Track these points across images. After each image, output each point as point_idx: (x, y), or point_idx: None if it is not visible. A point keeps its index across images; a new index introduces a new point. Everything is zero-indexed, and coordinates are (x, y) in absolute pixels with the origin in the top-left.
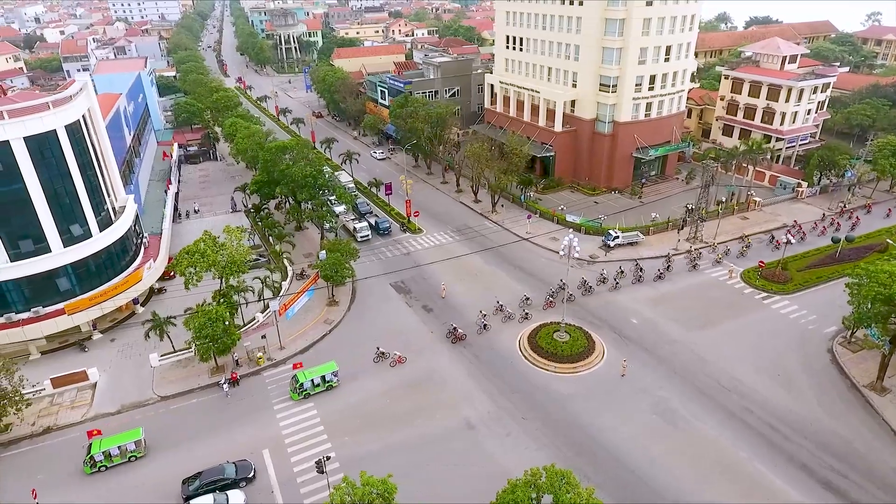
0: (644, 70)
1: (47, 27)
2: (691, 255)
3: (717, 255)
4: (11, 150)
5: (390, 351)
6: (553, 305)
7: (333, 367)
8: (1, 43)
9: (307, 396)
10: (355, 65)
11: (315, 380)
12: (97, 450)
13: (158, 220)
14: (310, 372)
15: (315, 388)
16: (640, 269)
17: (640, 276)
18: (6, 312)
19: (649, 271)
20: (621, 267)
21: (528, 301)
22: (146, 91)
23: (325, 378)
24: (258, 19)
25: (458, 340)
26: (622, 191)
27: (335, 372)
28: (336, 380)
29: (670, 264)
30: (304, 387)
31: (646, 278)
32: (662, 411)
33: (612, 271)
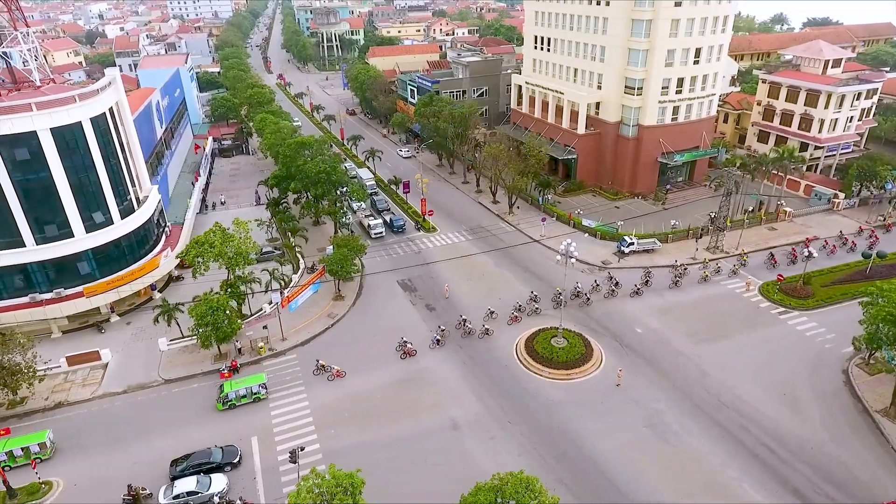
0: (671, 73)
1: (109, 24)
2: (706, 265)
3: (734, 266)
4: (39, 141)
5: (330, 364)
6: (518, 320)
7: (262, 378)
8: (63, 38)
9: (232, 407)
10: (389, 63)
11: (241, 391)
12: (1, 449)
13: (183, 211)
14: (237, 382)
15: (241, 399)
16: (648, 276)
17: (647, 283)
18: (31, 292)
19: (661, 280)
20: (647, 274)
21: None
22: (184, 86)
23: (252, 390)
24: (304, 17)
25: (408, 356)
26: (646, 196)
27: (263, 384)
28: (265, 392)
29: (679, 275)
30: (229, 397)
31: (657, 287)
32: (654, 424)
33: (626, 279)
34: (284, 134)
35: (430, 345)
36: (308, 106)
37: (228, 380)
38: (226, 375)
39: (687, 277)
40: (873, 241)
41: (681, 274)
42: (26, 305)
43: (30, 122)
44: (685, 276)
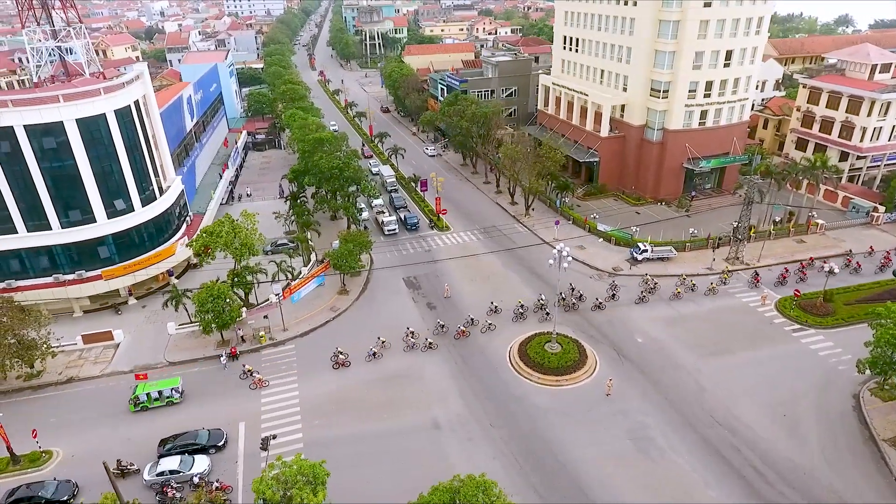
0: (699, 75)
1: (168, 21)
2: (722, 276)
3: (751, 279)
4: (65, 130)
5: (255, 371)
6: (464, 332)
7: (175, 382)
8: (122, 34)
9: (144, 409)
10: (424, 62)
11: (153, 393)
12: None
13: (207, 201)
14: (150, 385)
15: (153, 401)
16: (653, 285)
17: (648, 292)
18: (55, 273)
19: (669, 290)
20: (647, 282)
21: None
22: (221, 81)
23: (162, 393)
24: (350, 16)
25: (340, 366)
26: (669, 203)
27: (176, 388)
28: (178, 396)
29: (690, 288)
30: (140, 399)
31: (666, 296)
32: (638, 438)
33: (636, 286)
34: (311, 129)
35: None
36: (343, 102)
37: (143, 381)
38: (141, 377)
39: (701, 288)
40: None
41: (690, 288)
42: (50, 285)
43: (57, 112)
44: (694, 290)
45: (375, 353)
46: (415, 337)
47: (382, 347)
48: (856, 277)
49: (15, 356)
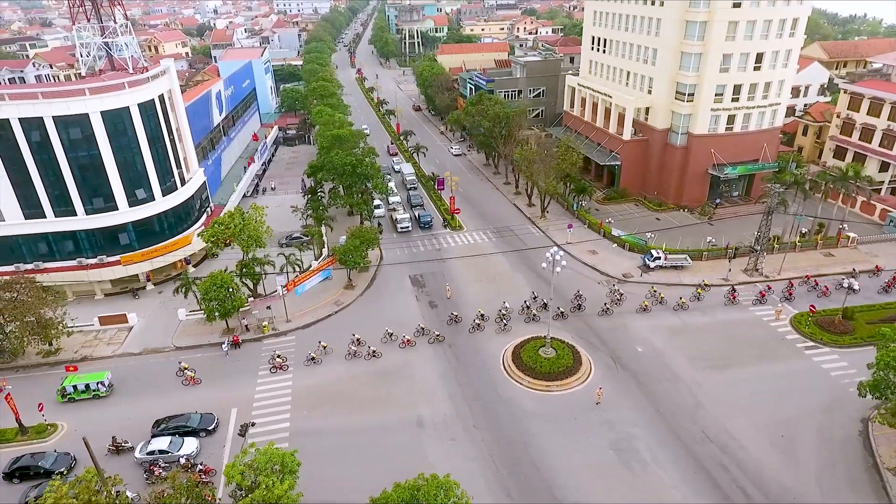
0: (727, 78)
1: (219, 18)
2: (697, 290)
3: (745, 291)
4: (90, 122)
5: (186, 370)
6: (409, 341)
7: (102, 376)
8: (173, 31)
9: (72, 401)
10: (457, 61)
11: (80, 386)
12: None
13: (230, 193)
14: (77, 377)
15: (79, 393)
16: (660, 298)
17: (658, 302)
18: (78, 256)
19: (676, 299)
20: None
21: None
22: (256, 77)
23: (89, 386)
24: (392, 14)
25: (277, 370)
26: (692, 209)
27: (102, 382)
28: (104, 390)
29: (696, 296)
30: (67, 391)
31: (674, 306)
32: (622, 449)
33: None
34: (335, 126)
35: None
36: (376, 100)
37: (72, 374)
38: (71, 369)
39: (711, 299)
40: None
41: (659, 301)
42: (74, 268)
43: (83, 105)
44: (663, 303)
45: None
46: (393, 339)
47: (359, 345)
48: (887, 296)
49: (33, 333)
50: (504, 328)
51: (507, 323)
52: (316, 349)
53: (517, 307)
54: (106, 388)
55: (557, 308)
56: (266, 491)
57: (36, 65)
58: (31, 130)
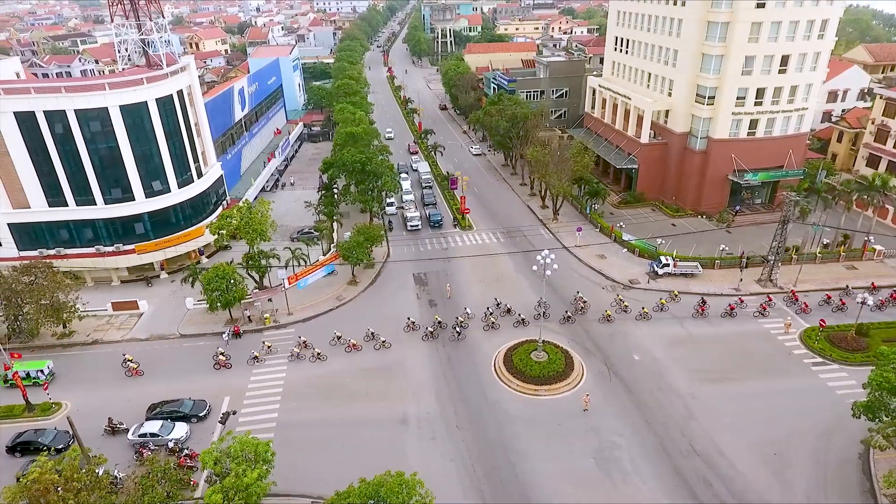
0: (749, 81)
1: (261, 16)
2: (660, 302)
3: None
4: (109, 116)
5: (129, 361)
6: (355, 345)
7: (42, 365)
8: (214, 28)
9: (12, 386)
10: (484, 61)
11: (21, 372)
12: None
13: (247, 187)
14: (19, 364)
15: (23, 380)
16: (661, 305)
17: (661, 309)
18: (97, 244)
19: (687, 308)
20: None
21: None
22: (283, 74)
23: (29, 374)
24: (427, 13)
25: (222, 366)
26: (710, 216)
27: (42, 370)
28: (43, 377)
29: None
30: (7, 377)
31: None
32: (603, 458)
33: (650, 302)
34: (354, 123)
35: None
36: (403, 98)
37: (16, 360)
38: (15, 356)
39: (720, 309)
40: None
41: (623, 309)
42: (92, 255)
43: (102, 99)
44: (627, 311)
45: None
46: (374, 338)
47: (338, 343)
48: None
49: (47, 316)
50: (459, 336)
51: (461, 331)
52: (297, 345)
53: (510, 309)
54: (45, 376)
55: (565, 312)
56: (236, 478)
57: (82, 60)
58: (54, 122)
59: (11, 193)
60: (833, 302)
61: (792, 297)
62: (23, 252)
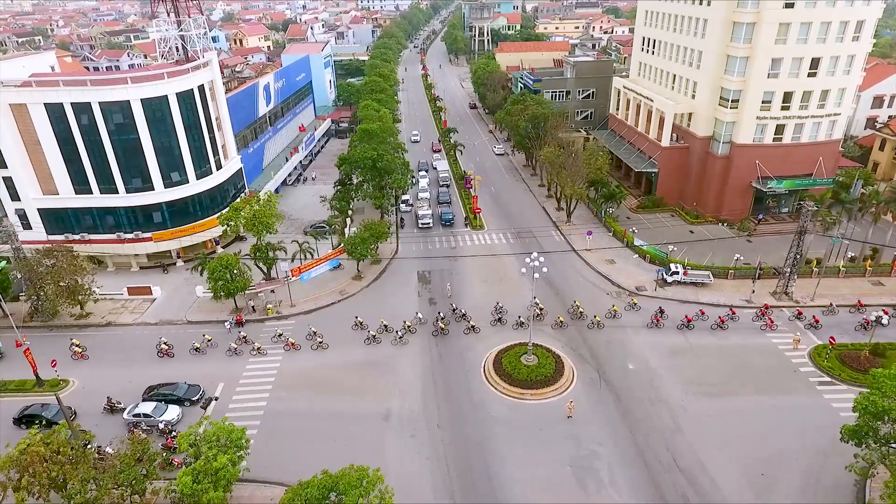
0: (775, 85)
1: (306, 13)
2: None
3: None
4: (131, 109)
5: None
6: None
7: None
8: (258, 25)
9: None
10: (515, 60)
11: None
12: None
13: (266, 181)
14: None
15: None
16: (662, 313)
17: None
18: (118, 231)
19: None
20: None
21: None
22: (313, 71)
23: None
24: (467, 12)
25: (165, 355)
26: (731, 224)
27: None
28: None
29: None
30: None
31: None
32: (580, 467)
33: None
34: (375, 120)
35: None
36: (433, 96)
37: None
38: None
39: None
40: None
41: (579, 315)
42: (113, 241)
43: (125, 92)
44: (582, 317)
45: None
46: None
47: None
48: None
49: (65, 297)
50: (402, 340)
51: (444, 327)
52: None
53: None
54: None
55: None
56: (205, 462)
57: (130, 54)
58: (80, 114)
59: (42, 180)
60: (840, 315)
61: (797, 312)
62: (51, 236)
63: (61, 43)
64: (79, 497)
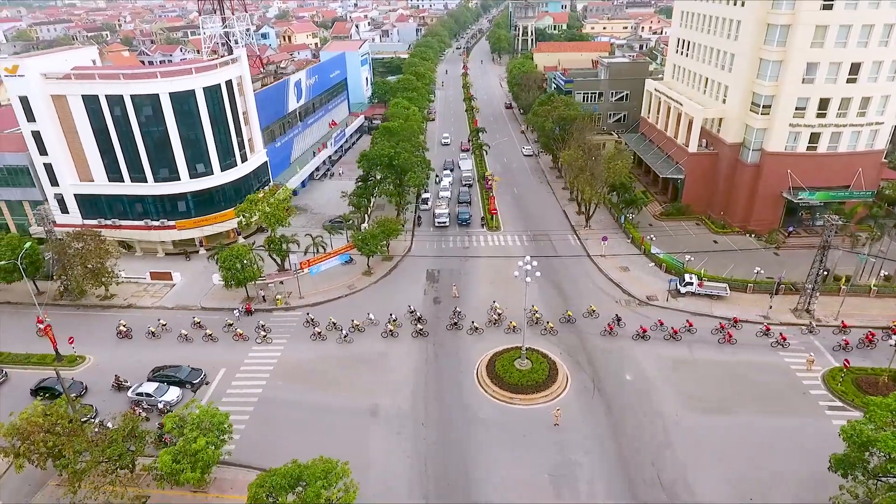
0: (811, 90)
1: (356, 11)
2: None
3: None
4: (160, 102)
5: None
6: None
7: None
8: (307, 22)
9: None
10: (553, 60)
11: None
12: None
13: (291, 175)
14: None
15: None
16: (661, 326)
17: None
18: (145, 218)
19: (701, 332)
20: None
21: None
22: (349, 69)
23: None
24: (513, 11)
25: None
26: (759, 235)
27: None
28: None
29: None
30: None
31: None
32: (560, 475)
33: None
34: (408, 119)
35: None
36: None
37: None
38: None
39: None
40: None
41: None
42: (141, 227)
43: (154, 86)
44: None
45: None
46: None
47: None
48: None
49: (90, 279)
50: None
51: (422, 329)
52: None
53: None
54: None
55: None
56: (185, 443)
57: (183, 49)
58: (114, 106)
59: (79, 167)
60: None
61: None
62: (85, 220)
63: (125, 38)
64: (70, 468)
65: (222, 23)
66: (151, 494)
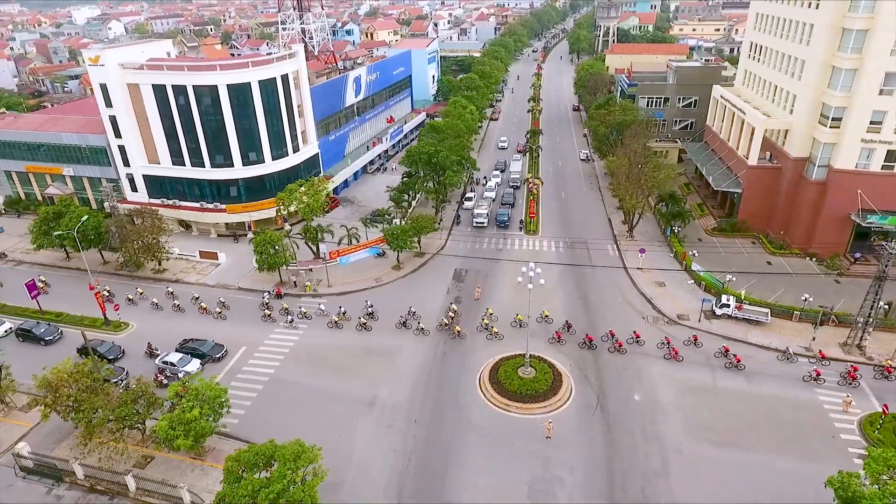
0: (889, 104)
1: (443, 9)
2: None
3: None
4: (218, 93)
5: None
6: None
7: None
8: (389, 20)
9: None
10: (626, 62)
11: None
12: None
13: (342, 167)
14: None
15: None
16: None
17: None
18: (201, 201)
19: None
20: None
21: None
22: (414, 66)
23: None
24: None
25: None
26: (820, 259)
27: None
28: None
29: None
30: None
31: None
32: (540, 489)
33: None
34: (465, 117)
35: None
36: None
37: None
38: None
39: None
40: None
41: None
42: (196, 209)
43: (214, 78)
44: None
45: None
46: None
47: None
48: None
49: (143, 253)
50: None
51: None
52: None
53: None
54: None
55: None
56: (181, 412)
57: (269, 44)
58: (178, 95)
59: (148, 150)
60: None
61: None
62: (151, 199)
63: (225, 32)
64: (83, 422)
65: (300, 20)
66: (156, 456)
